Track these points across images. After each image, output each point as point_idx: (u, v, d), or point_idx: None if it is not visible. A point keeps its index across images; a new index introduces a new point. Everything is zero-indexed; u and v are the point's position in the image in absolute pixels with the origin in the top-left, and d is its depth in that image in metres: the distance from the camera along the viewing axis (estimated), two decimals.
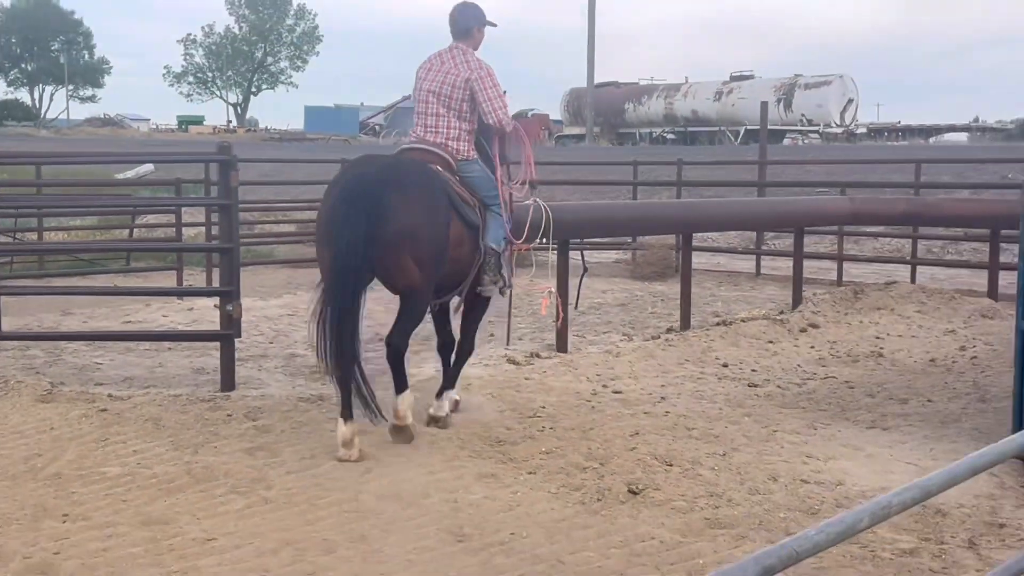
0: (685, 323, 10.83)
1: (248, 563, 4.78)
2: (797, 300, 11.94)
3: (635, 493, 5.64)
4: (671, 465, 6.12)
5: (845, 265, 15.54)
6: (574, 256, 10.57)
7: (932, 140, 51.09)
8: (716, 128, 49.12)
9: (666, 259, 15.94)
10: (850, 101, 47.07)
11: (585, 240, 13.16)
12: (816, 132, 45.65)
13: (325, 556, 4.87)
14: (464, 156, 6.98)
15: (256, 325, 11.23)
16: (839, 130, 46.03)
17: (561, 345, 9.70)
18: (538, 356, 9.40)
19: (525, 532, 5.14)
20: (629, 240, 16.74)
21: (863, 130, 50.72)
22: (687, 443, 6.61)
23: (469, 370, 8.84)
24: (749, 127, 45.92)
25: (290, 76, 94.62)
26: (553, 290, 9.57)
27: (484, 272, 7.03)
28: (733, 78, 50.03)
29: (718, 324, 10.84)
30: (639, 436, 6.74)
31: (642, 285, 15.00)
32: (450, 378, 7.33)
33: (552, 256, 9.80)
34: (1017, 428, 6.29)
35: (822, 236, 18.38)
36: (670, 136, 50.80)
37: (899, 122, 56.91)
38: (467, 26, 7.04)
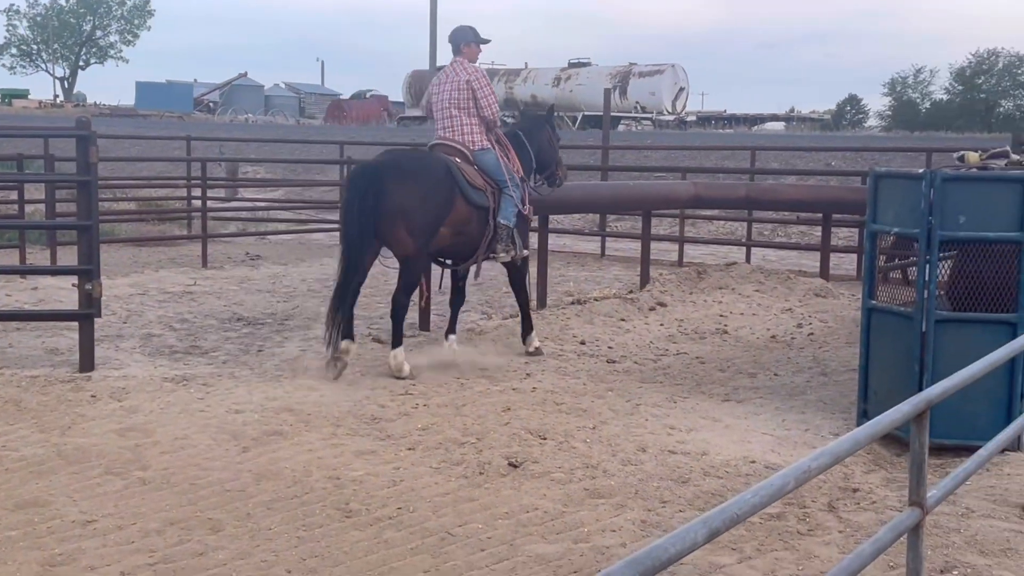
0: (541, 302, 10.99)
1: (134, 544, 4.66)
2: (645, 280, 12.28)
3: (515, 466, 5.74)
4: (545, 439, 6.25)
5: (685, 247, 16.04)
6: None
7: (755, 128, 53.08)
8: (555, 113, 49.79)
9: None
10: (681, 90, 48.35)
11: None
12: (649, 119, 46.76)
13: (212, 535, 4.79)
14: (480, 146, 8.35)
15: (107, 305, 10.81)
16: (671, 117, 47.25)
17: (424, 324, 9.72)
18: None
19: (412, 506, 5.17)
20: None
21: (693, 118, 52.26)
22: (558, 417, 6.76)
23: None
24: (587, 113, 46.70)
25: (120, 50, 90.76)
26: None
27: (497, 243, 8.35)
28: (571, 65, 50.72)
29: (572, 303, 11.06)
30: (511, 411, 6.85)
31: (495, 266, 15.05)
32: (526, 323, 8.87)
33: None
34: (863, 399, 6.69)
35: (662, 219, 18.93)
36: (510, 120, 51.11)
37: (725, 111, 58.92)
38: (457, 44, 8.60)
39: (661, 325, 10.32)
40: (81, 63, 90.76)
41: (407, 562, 4.54)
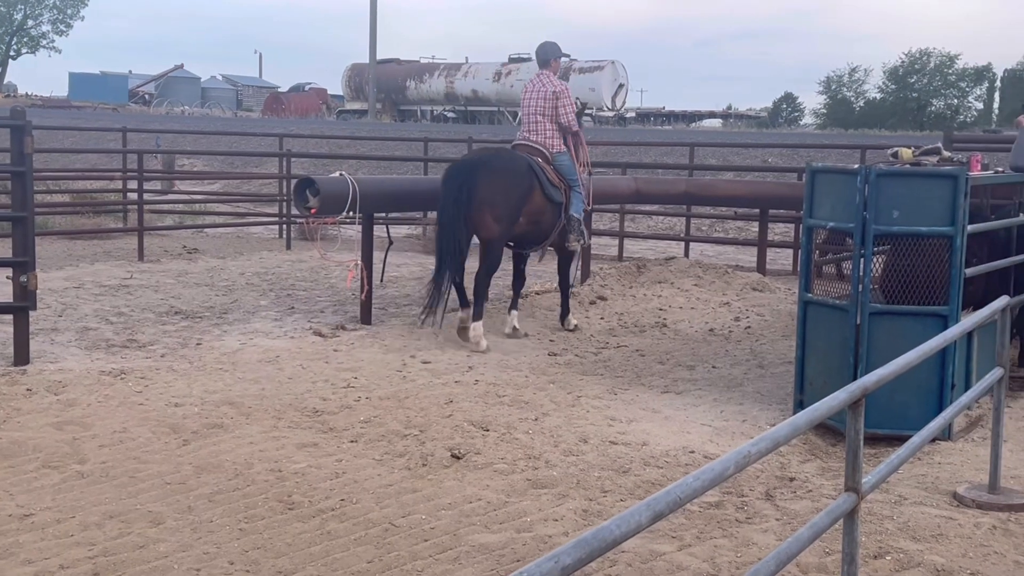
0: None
1: (73, 537, 4.60)
2: (586, 274, 12.36)
3: (458, 458, 5.77)
4: (488, 430, 6.28)
5: (626, 242, 16.16)
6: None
7: (693, 125, 53.57)
8: (496, 108, 49.77)
9: None
10: (621, 86, 48.61)
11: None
12: (589, 115, 46.93)
13: (153, 528, 4.75)
14: (557, 150, 9.46)
15: (41, 298, 10.63)
16: (611, 114, 47.50)
17: (365, 317, 9.70)
18: (344, 328, 9.37)
19: (355, 498, 5.17)
20: (421, 215, 16.80)
21: (632, 114, 52.57)
22: (500, 409, 6.80)
23: (274, 343, 8.76)
24: None
25: (52, 41, 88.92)
26: (359, 262, 9.56)
27: (569, 232, 9.54)
28: (512, 60, 50.69)
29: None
30: (454, 404, 6.87)
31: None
32: (565, 304, 10.00)
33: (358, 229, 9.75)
34: (799, 390, 6.81)
35: (602, 214, 19.03)
36: (451, 115, 51.06)
37: (664, 108, 59.30)
38: (545, 59, 9.67)
39: (602, 319, 10.40)
40: (12, 53, 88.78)
41: (350, 553, 4.54)
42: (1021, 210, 7.68)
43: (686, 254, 15.30)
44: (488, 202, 8.87)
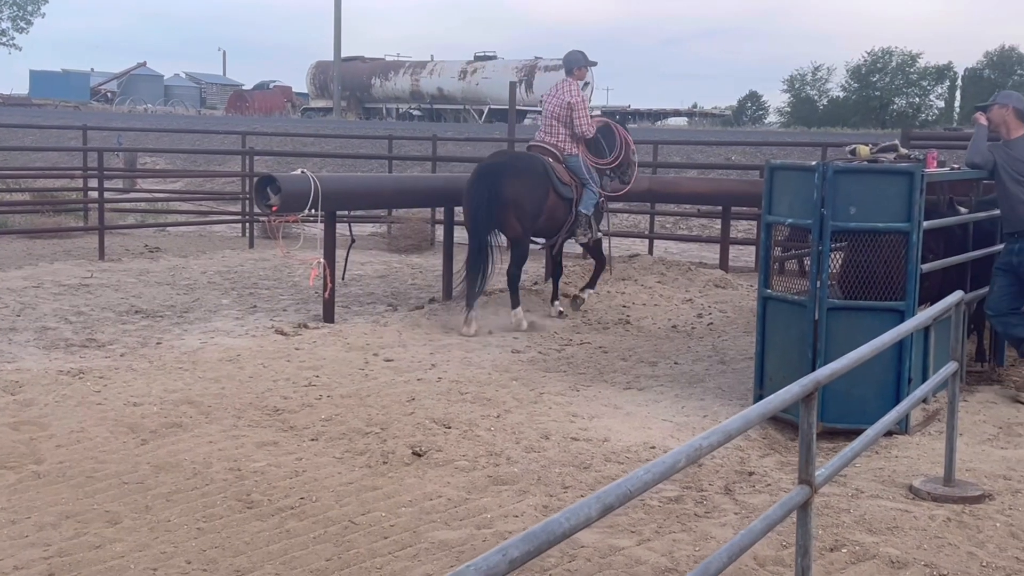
0: (447, 294, 11.02)
1: (28, 538, 4.56)
2: (549, 272, 12.35)
3: (419, 455, 5.77)
4: (449, 428, 6.28)
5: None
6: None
7: (658, 124, 53.76)
8: (461, 106, 49.69)
9: (422, 232, 16.09)
10: (586, 84, 48.71)
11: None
12: None
13: (110, 528, 4.72)
14: (569, 152, 10.11)
15: (0, 298, 10.55)
16: None
17: (328, 315, 9.66)
18: (306, 327, 9.34)
19: (314, 496, 5.16)
20: (384, 214, 16.78)
21: (597, 113, 52.67)
22: (462, 406, 6.80)
23: (236, 341, 8.72)
24: (493, 106, 46.72)
25: (12, 38, 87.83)
26: (322, 260, 9.52)
27: (576, 227, 10.20)
28: (477, 58, 50.60)
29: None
30: (416, 401, 6.87)
31: (399, 258, 15.09)
32: (593, 280, 10.86)
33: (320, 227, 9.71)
34: (759, 385, 6.86)
35: None
36: (416, 113, 50.90)
37: (629, 106, 59.44)
38: (569, 67, 10.27)
39: (565, 316, 10.42)
40: None
41: (309, 551, 4.53)
42: (977, 206, 7.79)
43: (650, 251, 15.36)
44: (513, 202, 9.57)
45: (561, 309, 10.40)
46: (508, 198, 9.51)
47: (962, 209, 7.73)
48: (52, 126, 27.08)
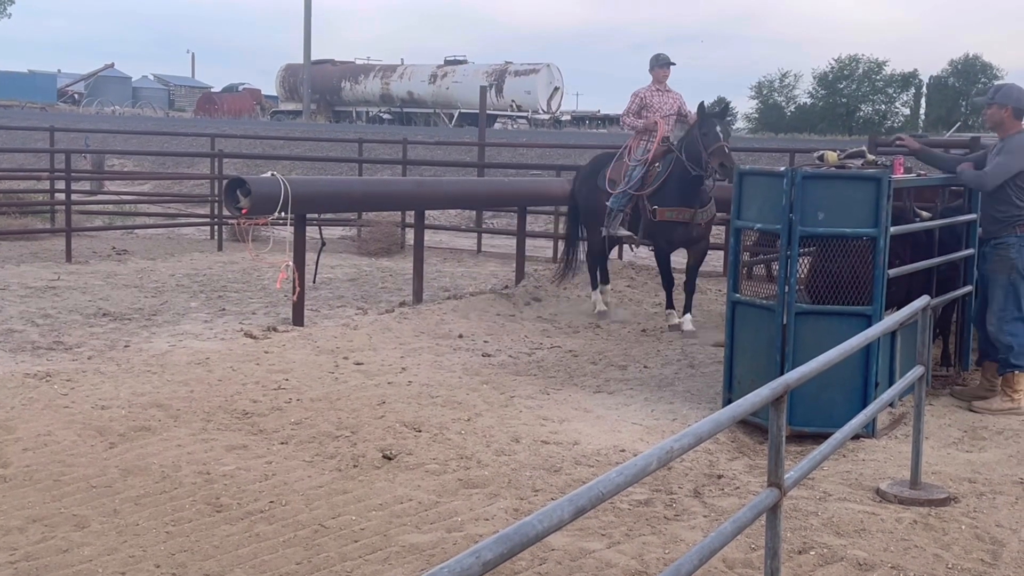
0: (418, 297, 11.02)
1: None
2: (520, 276, 12.40)
3: (389, 458, 5.76)
4: (420, 431, 6.27)
5: (559, 244, 16.17)
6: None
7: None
8: (431, 110, 49.63)
9: (393, 236, 16.07)
10: (556, 89, 48.73)
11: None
12: (525, 118, 47.00)
13: (77, 532, 4.68)
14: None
15: None
16: (546, 116, 47.58)
17: (298, 319, 9.62)
18: (275, 330, 9.30)
19: (284, 500, 5.13)
20: (354, 217, 16.74)
21: (567, 117, 52.71)
22: (433, 410, 6.79)
23: (205, 344, 8.67)
24: (463, 110, 46.69)
25: None
26: (291, 264, 9.49)
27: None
28: (447, 62, 50.56)
29: (449, 298, 11.11)
30: (386, 405, 6.85)
31: (369, 261, 15.06)
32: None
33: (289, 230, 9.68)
34: (728, 388, 6.90)
35: (537, 216, 19.10)
36: (387, 116, 50.76)
37: (599, 111, 59.55)
38: (651, 67, 10.65)
39: (536, 319, 10.44)
40: None
41: (279, 555, 4.51)
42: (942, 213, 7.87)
43: (619, 256, 15.40)
44: (581, 198, 10.80)
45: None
46: (581, 195, 11.02)
47: (924, 214, 7.81)
48: (18, 127, 26.82)
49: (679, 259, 10.80)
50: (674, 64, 10.69)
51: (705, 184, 9.90)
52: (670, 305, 10.30)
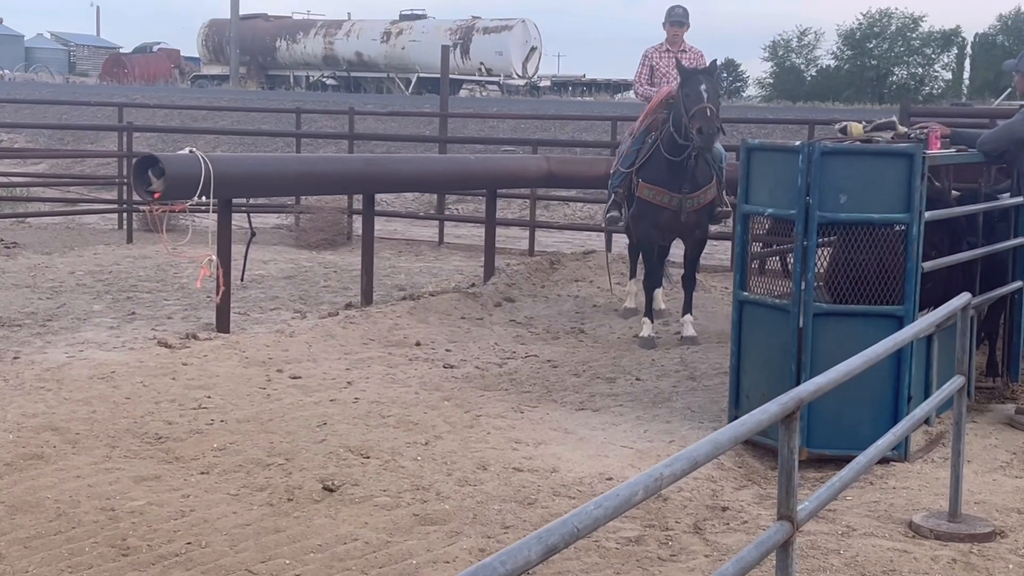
0: (367, 298, 11.02)
1: None
2: (490, 272, 12.42)
3: (331, 490, 5.77)
4: (368, 457, 6.28)
5: (537, 233, 16.26)
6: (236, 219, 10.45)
7: (618, 96, 54.04)
8: (384, 74, 49.60)
9: (337, 224, 16.05)
10: (533, 49, 48.79)
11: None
12: (496, 83, 47.03)
13: None
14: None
15: None
16: (521, 82, 47.65)
17: (222, 324, 9.59)
18: (195, 338, 9.27)
19: (204, 541, 5.14)
20: (292, 202, 16.70)
21: (546, 83, 52.83)
22: (383, 432, 6.80)
23: (110, 355, 8.65)
24: (422, 75, 46.66)
25: None
26: (214, 258, 9.45)
27: None
28: (403, 17, 50.51)
29: (404, 299, 11.12)
30: (328, 426, 6.86)
31: (310, 255, 15.05)
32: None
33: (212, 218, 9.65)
34: (734, 405, 6.94)
35: (509, 201, 19.16)
36: (331, 81, 50.72)
37: (583, 75, 59.73)
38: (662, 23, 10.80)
39: (509, 324, 10.47)
40: None
41: None
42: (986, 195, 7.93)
43: (608, 247, 15.45)
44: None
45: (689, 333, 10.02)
46: None
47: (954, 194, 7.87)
48: None
49: (679, 252, 10.86)
50: (688, 24, 10.68)
51: (691, 162, 9.70)
52: (648, 312, 10.03)
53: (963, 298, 5.40)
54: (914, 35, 60.01)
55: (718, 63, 10.27)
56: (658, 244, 10.37)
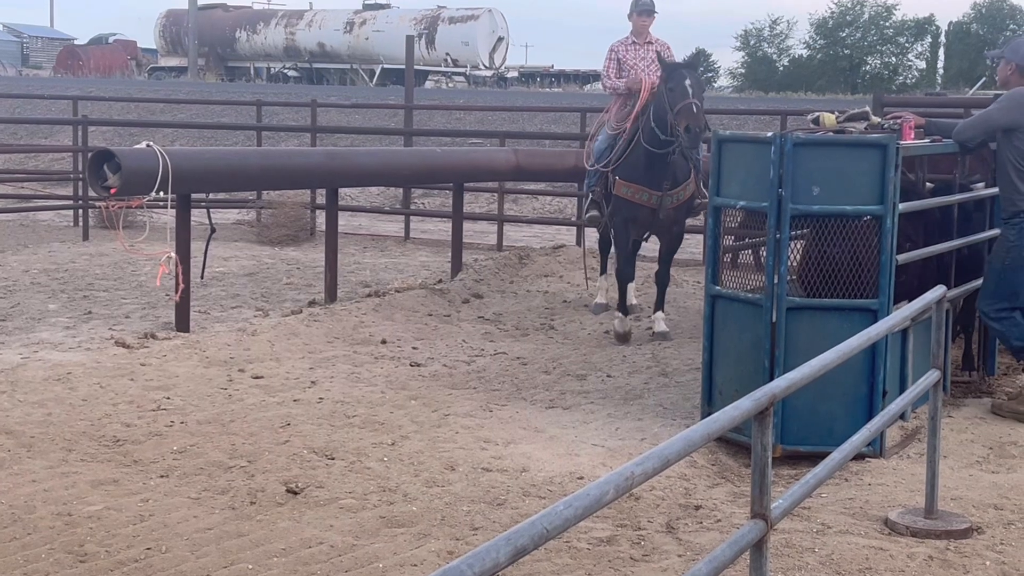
0: (331, 295, 10.99)
1: None
2: (457, 267, 12.42)
3: (295, 493, 5.77)
4: (333, 459, 6.29)
5: (505, 227, 16.26)
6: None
7: (587, 88, 54.06)
8: (348, 65, 49.44)
9: (300, 220, 16.01)
10: (500, 40, 48.76)
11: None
12: (462, 74, 46.98)
13: None
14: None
15: None
16: (488, 73, 47.61)
17: (182, 323, 9.56)
18: (154, 337, 9.24)
19: (164, 546, 5.13)
20: (253, 197, 16.64)
21: (514, 74, 52.81)
22: (348, 432, 6.80)
23: (66, 356, 8.61)
24: (387, 66, 46.54)
25: None
26: (173, 255, 9.41)
27: None
28: (367, 7, 50.34)
29: (369, 296, 11.10)
30: (291, 427, 6.85)
31: (272, 251, 15.01)
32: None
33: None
34: (707, 401, 6.96)
35: (477, 195, 19.16)
36: (292, 73, 50.51)
37: (552, 66, 59.71)
38: (628, 15, 10.61)
39: (477, 320, 10.47)
40: None
41: None
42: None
43: (578, 242, 15.46)
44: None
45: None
46: None
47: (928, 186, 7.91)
48: None
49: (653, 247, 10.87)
50: (656, 13, 10.55)
51: (674, 157, 9.58)
52: (622, 307, 10.04)
53: (938, 291, 5.44)
54: (887, 24, 60.25)
55: (699, 55, 10.37)
56: (633, 240, 10.30)
